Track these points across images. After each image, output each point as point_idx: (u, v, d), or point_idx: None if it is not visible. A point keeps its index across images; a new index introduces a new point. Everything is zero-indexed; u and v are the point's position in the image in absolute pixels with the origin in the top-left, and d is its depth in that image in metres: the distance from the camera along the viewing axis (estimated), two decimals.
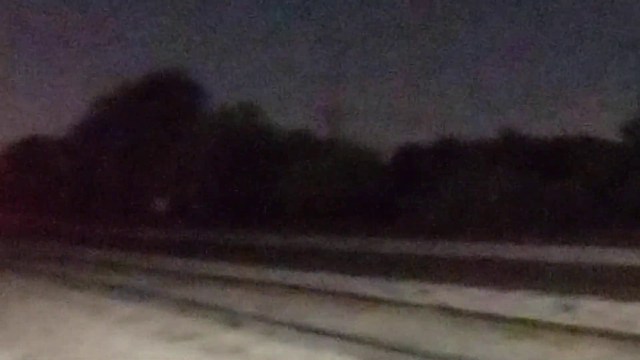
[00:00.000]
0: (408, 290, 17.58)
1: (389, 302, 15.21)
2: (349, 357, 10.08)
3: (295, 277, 20.75)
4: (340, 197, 49.98)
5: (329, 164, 52.78)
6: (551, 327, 12.06)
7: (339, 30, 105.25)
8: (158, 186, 60.21)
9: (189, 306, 14.99)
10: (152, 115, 62.64)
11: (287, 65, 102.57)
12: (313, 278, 20.37)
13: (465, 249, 30.01)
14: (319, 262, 25.07)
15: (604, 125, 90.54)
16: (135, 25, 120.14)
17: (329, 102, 60.02)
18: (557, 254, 27.34)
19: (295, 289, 17.93)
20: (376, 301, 15.46)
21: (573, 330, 11.75)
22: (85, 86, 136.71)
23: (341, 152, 54.84)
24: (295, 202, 51.36)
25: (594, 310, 14.30)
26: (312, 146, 56.61)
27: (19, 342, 11.35)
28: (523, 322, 12.57)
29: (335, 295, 16.65)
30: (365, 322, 13.26)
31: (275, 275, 21.36)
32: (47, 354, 10.45)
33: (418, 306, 14.43)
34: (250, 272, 22.30)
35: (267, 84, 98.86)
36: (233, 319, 13.05)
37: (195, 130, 60.55)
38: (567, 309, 14.53)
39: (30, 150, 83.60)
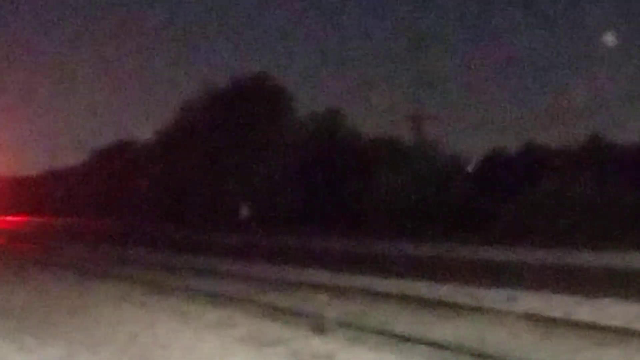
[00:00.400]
0: (496, 297, 17.48)
1: (477, 309, 15.17)
2: None
3: (382, 283, 20.74)
4: (427, 203, 49.77)
5: (415, 170, 52.63)
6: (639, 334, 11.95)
7: (426, 36, 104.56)
8: (246, 192, 60.59)
9: (276, 312, 15.13)
10: (240, 121, 63.00)
11: (375, 71, 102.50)
12: (400, 285, 20.35)
13: (552, 256, 29.67)
14: (406, 268, 25.02)
15: None
16: (223, 30, 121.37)
17: (418, 108, 59.78)
18: None
19: (382, 295, 17.97)
20: (463, 308, 15.44)
21: None
22: (174, 91, 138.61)
23: (428, 159, 54.69)
24: (382, 208, 51.27)
25: None
26: (400, 153, 56.48)
27: (107, 347, 11.53)
28: (611, 329, 12.47)
29: (422, 302, 16.65)
30: (453, 329, 13.23)
31: (362, 281, 21.37)
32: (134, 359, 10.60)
33: (506, 313, 14.37)
34: (336, 278, 22.32)
35: (355, 90, 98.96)
36: (320, 325, 13.14)
37: (283, 136, 60.85)
38: None
39: (122, 155, 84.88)
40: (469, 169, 49.88)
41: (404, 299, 17.08)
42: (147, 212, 74.17)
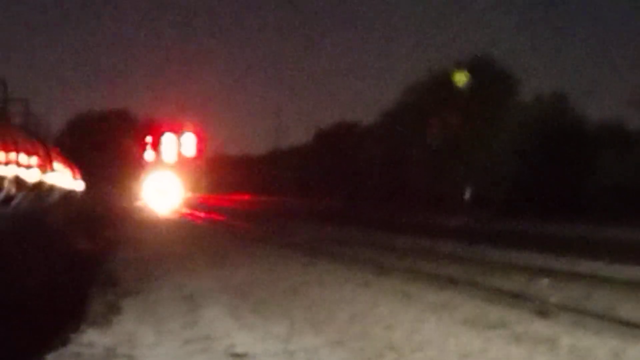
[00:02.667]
0: None
1: None
2: None
3: (606, 268, 20.39)
4: None
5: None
6: None
7: None
8: (466, 175, 60.49)
9: (497, 295, 15.17)
10: (463, 103, 62.74)
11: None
12: (624, 270, 19.95)
13: None
14: (631, 254, 24.44)
15: None
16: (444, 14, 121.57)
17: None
18: None
19: (606, 280, 17.73)
20: None
21: None
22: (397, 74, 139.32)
23: None
24: (606, 193, 50.20)
25: None
26: (625, 137, 55.13)
27: (329, 327, 11.75)
28: None
29: None
30: None
31: (584, 266, 21.06)
32: (356, 339, 10.76)
33: None
34: (558, 262, 22.05)
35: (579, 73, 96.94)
36: (542, 309, 13.15)
37: (507, 120, 60.26)
38: None
39: (345, 136, 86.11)
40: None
41: (628, 284, 16.79)
42: (367, 194, 74.86)
